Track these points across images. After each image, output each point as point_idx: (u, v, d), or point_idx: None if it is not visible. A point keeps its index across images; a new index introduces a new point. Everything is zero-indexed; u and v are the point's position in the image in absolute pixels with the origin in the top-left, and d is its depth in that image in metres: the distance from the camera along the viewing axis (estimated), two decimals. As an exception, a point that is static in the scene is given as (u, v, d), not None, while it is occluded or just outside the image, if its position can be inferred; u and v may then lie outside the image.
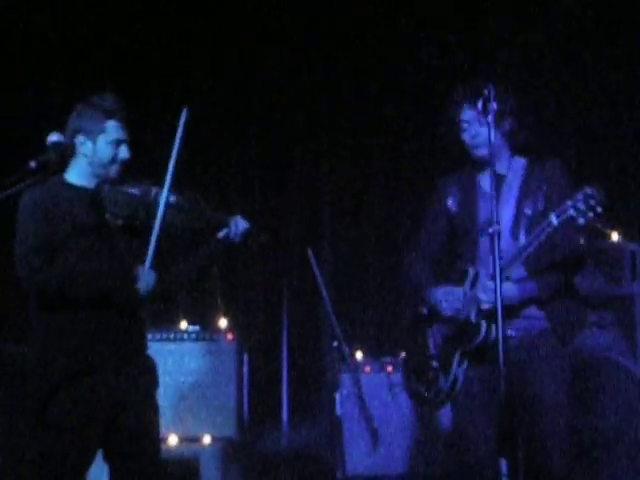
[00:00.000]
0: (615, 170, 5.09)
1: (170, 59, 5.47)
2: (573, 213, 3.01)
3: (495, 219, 2.98)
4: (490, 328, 3.22)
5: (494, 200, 3.03)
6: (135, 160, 3.21)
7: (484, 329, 3.22)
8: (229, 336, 4.81)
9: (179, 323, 4.97)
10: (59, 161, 2.99)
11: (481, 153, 3.34)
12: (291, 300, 5.66)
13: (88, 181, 3.17)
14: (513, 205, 3.30)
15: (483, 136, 3.29)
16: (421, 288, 3.43)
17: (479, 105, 3.19)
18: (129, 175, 3.21)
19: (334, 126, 5.72)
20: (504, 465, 2.95)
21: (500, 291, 2.91)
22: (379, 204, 5.69)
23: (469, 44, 5.30)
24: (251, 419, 4.94)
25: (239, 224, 3.25)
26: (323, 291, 4.19)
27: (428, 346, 3.40)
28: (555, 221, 3.06)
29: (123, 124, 3.17)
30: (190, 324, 4.93)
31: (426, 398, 3.38)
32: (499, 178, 3.34)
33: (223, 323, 4.97)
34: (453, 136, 3.40)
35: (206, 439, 4.65)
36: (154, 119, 5.14)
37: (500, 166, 3.34)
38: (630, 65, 5.12)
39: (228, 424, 4.69)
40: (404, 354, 3.57)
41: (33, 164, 2.85)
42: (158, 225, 3.06)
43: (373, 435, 4.26)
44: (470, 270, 3.31)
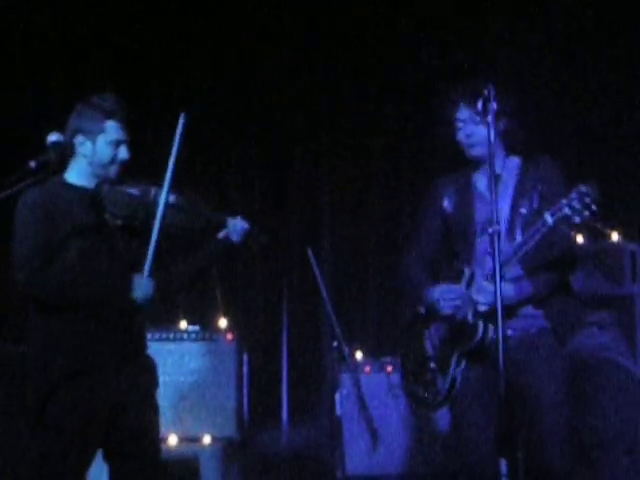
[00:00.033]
0: (615, 170, 5.09)
1: (170, 59, 5.47)
2: (568, 212, 2.99)
3: (495, 219, 2.97)
4: (487, 328, 3.21)
5: (494, 200, 3.01)
6: (135, 160, 3.20)
7: (481, 329, 3.21)
8: (229, 336, 4.80)
9: (179, 323, 4.96)
10: (59, 161, 2.99)
11: (476, 152, 3.34)
12: (291, 300, 5.65)
13: (88, 181, 3.16)
14: (509, 204, 3.29)
15: (478, 135, 3.29)
16: (418, 288, 3.42)
17: (476, 104, 3.20)
18: (129, 175, 3.21)
19: (334, 126, 5.71)
20: (504, 465, 2.95)
21: (500, 291, 2.90)
22: (379, 204, 5.68)
23: (469, 44, 5.30)
24: (251, 419, 4.92)
25: (238, 224, 3.25)
26: (323, 291, 4.19)
27: (425, 348, 3.39)
28: (550, 220, 3.04)
29: (123, 124, 3.15)
30: (190, 324, 4.92)
31: (424, 400, 3.37)
32: (495, 177, 3.34)
33: (223, 323, 4.96)
34: (448, 136, 3.39)
35: (206, 439, 4.64)
36: (154, 119, 5.15)
37: (495, 166, 3.33)
38: (630, 65, 5.12)
39: (228, 424, 4.68)
40: (401, 356, 3.56)
41: (33, 164, 2.85)
42: (157, 226, 3.05)
43: (373, 435, 4.26)
44: (466, 270, 3.29)
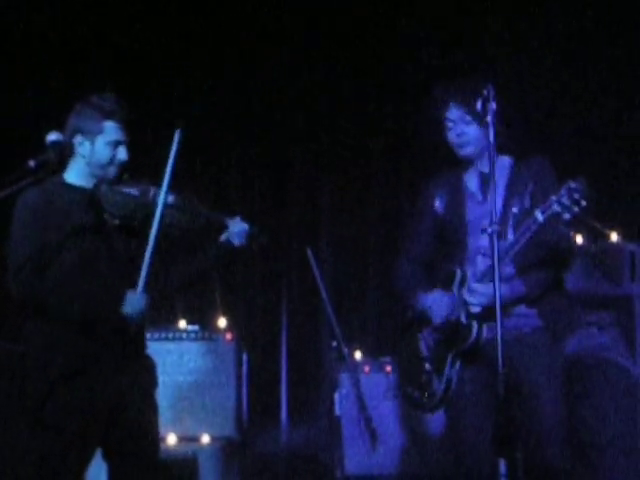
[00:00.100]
0: (615, 170, 5.09)
1: (170, 59, 5.47)
2: (558, 208, 2.98)
3: (494, 219, 2.96)
4: (481, 328, 3.21)
5: (492, 200, 3.00)
6: (135, 160, 3.19)
7: (475, 330, 3.21)
8: (228, 336, 4.79)
9: (178, 322, 4.96)
10: (58, 161, 2.99)
11: (467, 152, 3.33)
12: (290, 300, 5.65)
13: (86, 181, 3.15)
14: (500, 204, 3.26)
15: (469, 135, 3.29)
16: (408, 292, 3.41)
17: (466, 104, 3.20)
18: (128, 175, 3.21)
19: (334, 126, 5.71)
20: (503, 465, 2.95)
21: (499, 291, 2.88)
22: (379, 204, 5.68)
23: (469, 44, 5.30)
24: (250, 419, 4.92)
25: (239, 226, 3.22)
26: (322, 291, 4.19)
27: (420, 349, 3.38)
28: (540, 217, 3.04)
29: (122, 125, 3.14)
30: (189, 323, 4.92)
31: (420, 402, 3.36)
32: (485, 177, 3.33)
33: (222, 322, 4.95)
34: (438, 135, 3.38)
35: (205, 438, 4.64)
36: (154, 119, 5.16)
37: (485, 165, 3.32)
38: (630, 65, 5.12)
39: (227, 424, 4.68)
40: (397, 358, 3.56)
41: (32, 163, 2.85)
42: (156, 226, 3.04)
43: (372, 435, 4.25)
44: (458, 271, 3.29)
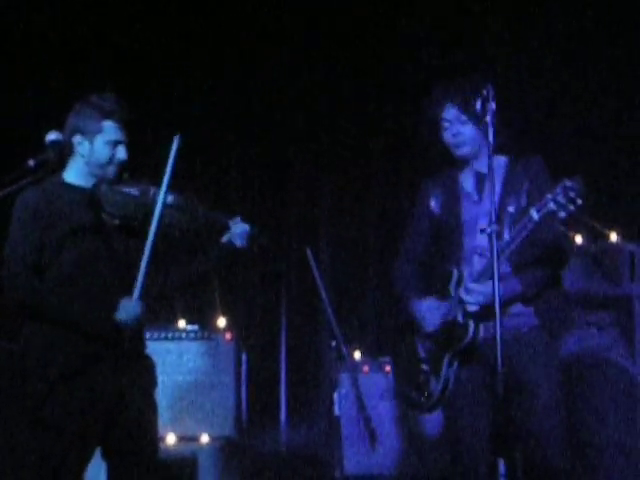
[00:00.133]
0: (615, 170, 5.09)
1: (170, 59, 5.47)
2: (553, 207, 2.98)
3: (493, 218, 2.96)
4: (478, 328, 3.21)
5: (493, 200, 3.01)
6: (135, 160, 3.19)
7: (472, 329, 3.20)
8: (227, 335, 4.79)
9: (177, 322, 4.96)
10: (57, 160, 3.00)
11: (463, 152, 3.33)
12: (290, 300, 5.65)
13: (86, 181, 3.15)
14: (496, 203, 3.24)
15: (464, 135, 3.30)
16: (406, 294, 3.42)
17: (462, 104, 3.20)
18: (128, 175, 3.21)
19: (334, 126, 5.71)
20: (502, 465, 2.95)
21: (498, 292, 2.89)
22: (378, 204, 5.68)
23: (469, 44, 5.30)
24: (249, 418, 4.92)
25: (240, 227, 3.21)
26: (322, 291, 4.18)
27: (417, 349, 3.37)
28: (536, 216, 3.03)
29: (121, 125, 3.13)
30: (188, 323, 4.92)
31: (418, 402, 3.35)
32: (480, 177, 3.33)
33: (222, 322, 4.95)
34: (433, 135, 3.37)
35: (204, 438, 4.64)
36: (154, 119, 5.16)
37: (481, 165, 3.33)
38: (630, 65, 5.12)
39: (226, 423, 4.67)
40: (394, 358, 3.55)
41: (31, 162, 2.86)
42: (154, 229, 3.03)
43: (371, 435, 4.25)
44: (454, 271, 3.28)
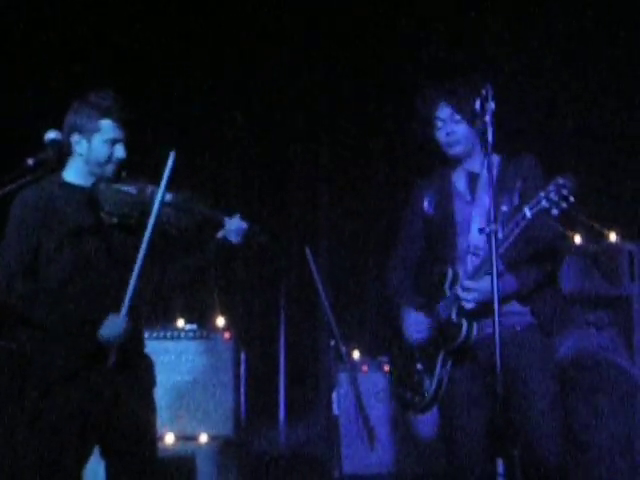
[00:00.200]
0: (615, 170, 5.08)
1: (170, 59, 5.48)
2: (546, 204, 2.97)
3: (492, 218, 2.96)
4: (471, 327, 3.19)
5: (492, 200, 2.99)
6: (135, 160, 3.19)
7: (465, 328, 3.19)
8: (226, 335, 4.78)
9: (176, 321, 4.95)
10: (57, 159, 2.99)
11: (455, 151, 3.33)
12: (289, 299, 5.66)
13: (85, 180, 3.15)
14: (489, 202, 3.27)
15: (458, 134, 3.29)
16: (396, 300, 3.42)
17: (456, 103, 3.20)
18: (126, 173, 3.20)
19: (334, 126, 5.72)
20: (500, 465, 2.95)
21: (497, 292, 2.88)
22: (378, 204, 5.68)
23: (469, 44, 5.30)
24: (248, 418, 4.91)
25: (235, 224, 3.21)
26: (321, 290, 4.17)
27: (412, 349, 3.36)
28: (529, 214, 3.02)
29: (119, 123, 3.13)
30: (187, 322, 4.91)
31: (412, 402, 3.35)
32: (472, 177, 3.33)
33: (220, 321, 4.94)
34: (426, 134, 3.37)
35: (203, 438, 4.64)
36: (154, 119, 5.17)
37: (473, 164, 3.33)
38: (630, 65, 5.11)
39: (225, 423, 4.67)
40: (389, 359, 3.55)
41: (30, 161, 2.86)
42: (152, 224, 3.02)
43: (370, 434, 4.24)
44: (449, 271, 3.28)
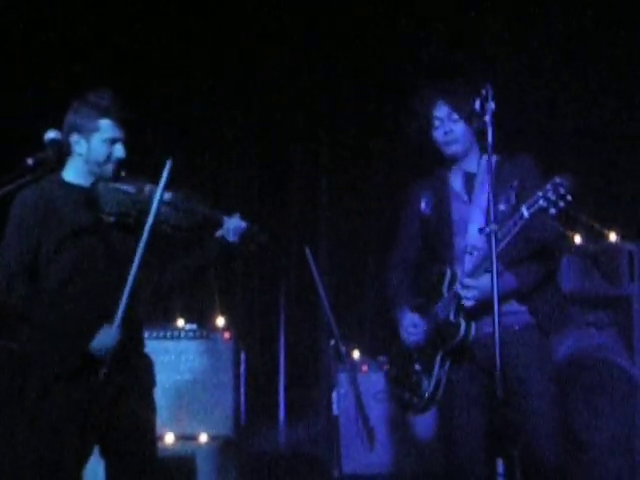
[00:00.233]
0: (615, 170, 5.08)
1: (170, 59, 5.48)
2: (544, 203, 2.97)
3: (492, 218, 2.96)
4: (469, 327, 3.20)
5: (491, 200, 2.99)
6: (135, 160, 3.19)
7: (463, 328, 3.20)
8: (226, 334, 4.78)
9: (176, 321, 4.95)
10: (56, 158, 2.99)
11: (453, 150, 3.33)
12: (289, 299, 5.66)
13: (84, 179, 3.15)
14: (485, 202, 3.22)
15: (455, 133, 3.30)
16: (395, 301, 3.43)
17: (453, 102, 3.20)
18: (125, 172, 3.20)
19: (334, 126, 5.72)
20: (500, 465, 2.95)
21: (497, 292, 2.87)
22: (378, 204, 5.67)
23: (469, 44, 5.30)
24: (248, 418, 4.91)
25: (234, 223, 3.21)
26: (321, 290, 4.17)
27: (410, 350, 3.36)
28: (526, 213, 3.02)
29: (118, 122, 3.13)
30: (187, 322, 4.90)
31: (410, 403, 3.35)
32: (469, 177, 3.34)
33: (220, 321, 4.93)
34: (423, 134, 3.37)
35: (202, 437, 4.63)
36: (154, 119, 5.17)
37: (470, 164, 3.34)
38: (630, 65, 5.11)
39: (225, 423, 4.66)
40: (388, 360, 3.56)
41: (30, 161, 2.86)
42: (150, 223, 3.02)
43: (370, 434, 4.24)
44: (447, 271, 3.28)
